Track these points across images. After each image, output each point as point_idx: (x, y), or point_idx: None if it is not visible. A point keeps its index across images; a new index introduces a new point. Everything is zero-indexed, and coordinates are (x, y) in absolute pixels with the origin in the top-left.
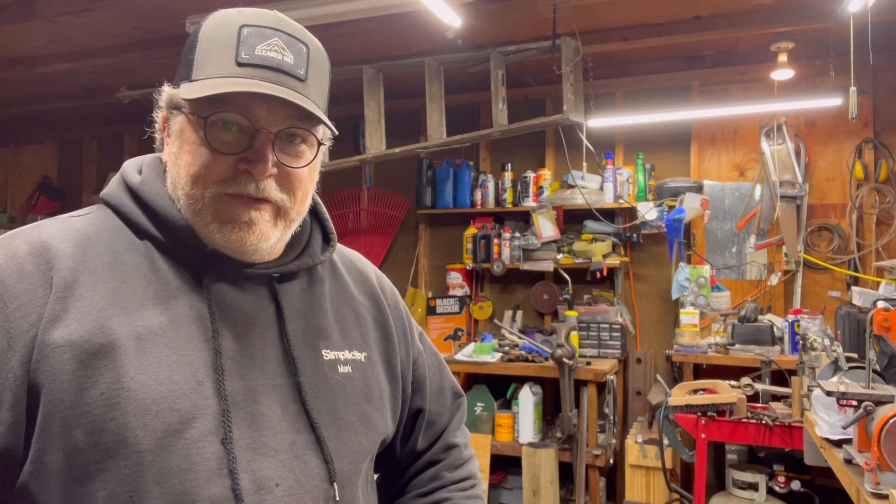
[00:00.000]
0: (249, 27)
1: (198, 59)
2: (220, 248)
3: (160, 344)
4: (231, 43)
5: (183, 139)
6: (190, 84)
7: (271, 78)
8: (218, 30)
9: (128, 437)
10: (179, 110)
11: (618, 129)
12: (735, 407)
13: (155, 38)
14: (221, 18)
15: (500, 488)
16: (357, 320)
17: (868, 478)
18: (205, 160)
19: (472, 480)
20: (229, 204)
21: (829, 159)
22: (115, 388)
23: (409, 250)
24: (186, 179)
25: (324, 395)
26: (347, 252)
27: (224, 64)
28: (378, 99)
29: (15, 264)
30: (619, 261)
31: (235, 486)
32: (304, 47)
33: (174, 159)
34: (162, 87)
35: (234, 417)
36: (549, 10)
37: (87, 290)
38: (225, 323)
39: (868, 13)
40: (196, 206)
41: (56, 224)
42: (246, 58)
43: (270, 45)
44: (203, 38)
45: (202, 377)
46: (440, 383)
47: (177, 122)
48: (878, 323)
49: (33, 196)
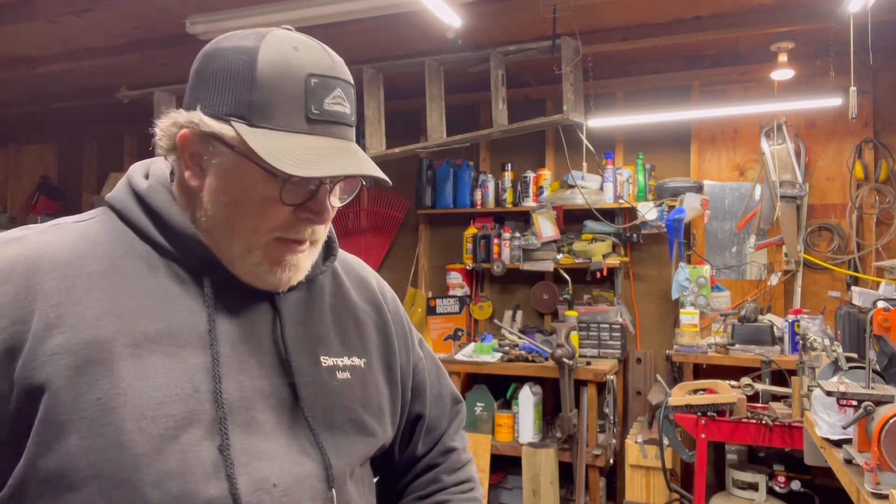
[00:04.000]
0: (316, 77)
1: (259, 104)
2: (251, 283)
3: (157, 350)
4: (299, 95)
5: (238, 185)
6: (260, 132)
7: (339, 134)
8: (281, 74)
9: (124, 441)
10: (231, 149)
11: (618, 129)
12: (735, 407)
13: (155, 38)
14: (283, 61)
15: (500, 488)
16: (357, 326)
17: (868, 478)
18: (275, 216)
19: (470, 483)
20: (279, 248)
21: (829, 159)
22: (111, 393)
23: (409, 250)
24: (246, 230)
25: (321, 400)
26: (348, 258)
27: (293, 117)
28: (378, 99)
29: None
30: (619, 261)
31: (233, 488)
32: (352, 89)
33: (216, 196)
34: (160, 87)
35: (230, 423)
36: (549, 10)
37: (84, 296)
38: (223, 330)
39: (868, 13)
40: (249, 245)
41: (58, 229)
42: (317, 114)
43: (335, 98)
44: (265, 79)
45: (198, 383)
46: (439, 389)
47: (225, 161)
48: (878, 323)
49: (33, 196)
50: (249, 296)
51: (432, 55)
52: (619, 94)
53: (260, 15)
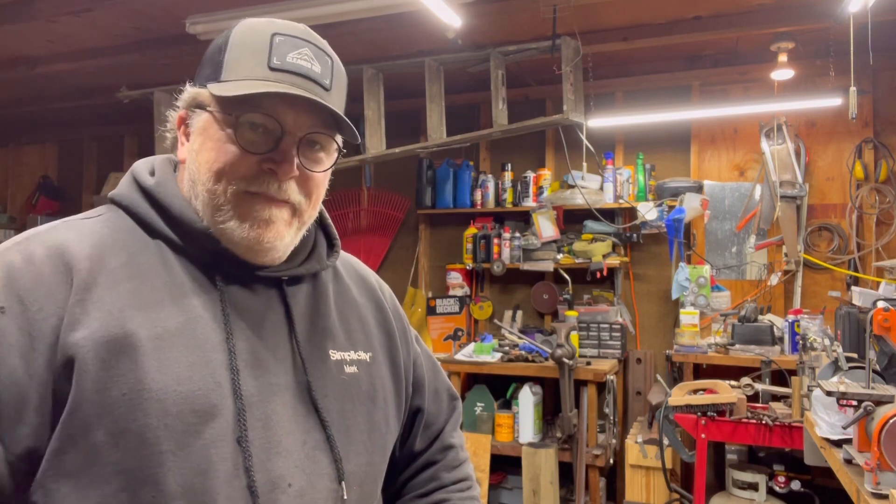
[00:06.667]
0: (281, 36)
1: (228, 62)
2: (234, 247)
3: (178, 344)
4: (263, 49)
5: (207, 136)
6: (221, 84)
7: (301, 84)
8: (250, 36)
9: (149, 437)
10: (204, 109)
11: (618, 129)
12: (735, 407)
13: (155, 38)
14: (253, 26)
15: (500, 488)
16: (360, 322)
17: (868, 478)
18: (230, 157)
19: (469, 482)
20: (250, 201)
21: (829, 159)
22: (136, 388)
23: (409, 250)
24: (208, 175)
25: (332, 394)
26: (347, 257)
27: (256, 68)
28: (378, 99)
29: (34, 268)
30: (619, 261)
31: (252, 485)
32: (330, 60)
33: (194, 156)
34: (160, 87)
35: (248, 418)
36: (549, 10)
37: (106, 292)
38: (238, 325)
39: (868, 13)
40: (216, 201)
41: (70, 226)
42: (277, 63)
43: (301, 53)
44: (234, 42)
45: (220, 378)
46: (436, 385)
47: (200, 121)
48: (878, 323)
49: (33, 196)
50: (261, 290)
51: (432, 55)
52: (619, 94)
53: (260, 15)
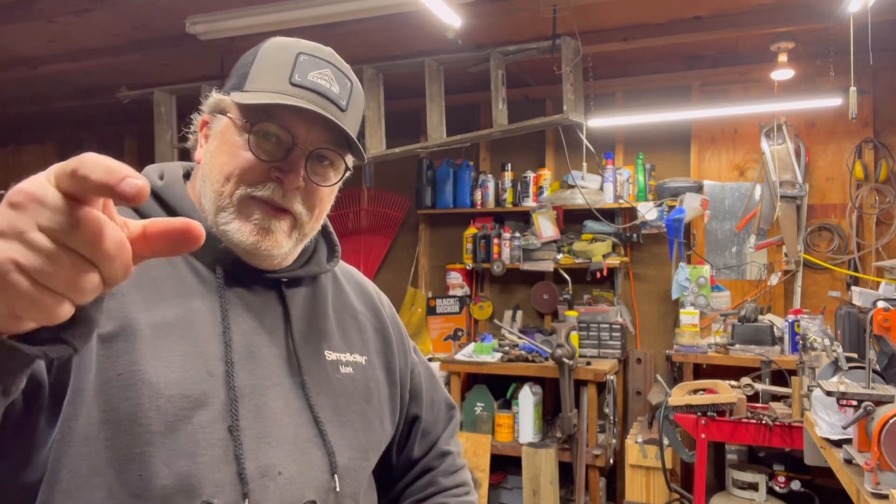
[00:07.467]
0: (306, 55)
1: (253, 74)
2: (235, 248)
3: (175, 334)
4: (287, 65)
5: (223, 140)
6: (243, 93)
7: (317, 102)
8: (277, 52)
9: (140, 417)
10: (224, 114)
11: (618, 129)
12: (735, 407)
13: (155, 38)
14: (282, 43)
15: (500, 488)
16: (357, 326)
17: (868, 478)
18: (242, 162)
19: (466, 487)
20: (252, 206)
21: (829, 159)
22: (131, 369)
23: (409, 250)
24: (219, 176)
25: (326, 392)
26: (347, 267)
27: (278, 82)
28: (378, 99)
29: None
30: (619, 261)
31: (241, 472)
32: (350, 83)
33: (210, 157)
34: (160, 87)
35: (240, 408)
36: (549, 10)
37: None
38: (235, 321)
39: (868, 13)
40: (222, 202)
41: None
42: (298, 80)
43: (322, 73)
44: (262, 56)
45: (213, 369)
46: (433, 396)
47: (220, 125)
48: (878, 323)
49: None
50: (260, 290)
51: (432, 55)
52: (619, 94)
53: (260, 15)
